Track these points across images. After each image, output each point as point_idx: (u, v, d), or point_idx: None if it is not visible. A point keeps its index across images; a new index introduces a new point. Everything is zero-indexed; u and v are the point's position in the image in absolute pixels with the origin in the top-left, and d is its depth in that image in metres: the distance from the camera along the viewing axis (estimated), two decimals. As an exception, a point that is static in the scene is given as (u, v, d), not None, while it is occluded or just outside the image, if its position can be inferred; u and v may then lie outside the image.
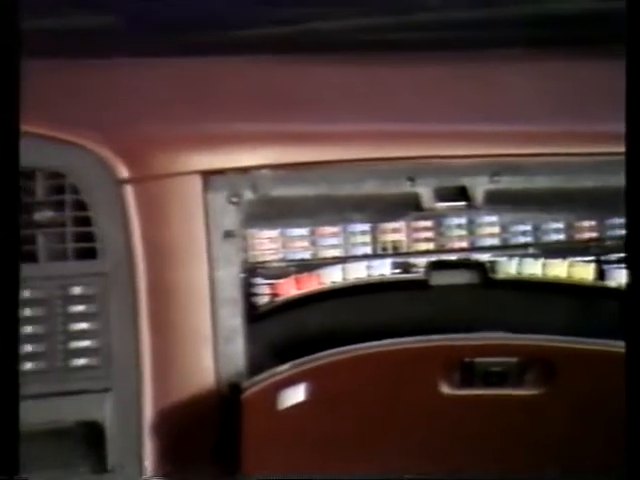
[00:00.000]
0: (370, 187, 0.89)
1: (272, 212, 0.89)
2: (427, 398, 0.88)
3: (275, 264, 0.90)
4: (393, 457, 0.89)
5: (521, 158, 0.90)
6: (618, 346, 0.82)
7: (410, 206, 0.90)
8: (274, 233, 0.90)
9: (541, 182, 0.90)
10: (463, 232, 0.91)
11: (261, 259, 0.90)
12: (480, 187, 0.90)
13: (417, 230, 0.91)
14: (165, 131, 0.87)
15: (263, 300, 0.89)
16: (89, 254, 0.84)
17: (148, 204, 0.85)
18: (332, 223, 0.90)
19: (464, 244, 0.92)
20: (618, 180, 0.84)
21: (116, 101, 0.88)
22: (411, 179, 0.89)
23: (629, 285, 0.81)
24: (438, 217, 0.91)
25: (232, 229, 0.87)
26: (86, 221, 0.84)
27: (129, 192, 0.85)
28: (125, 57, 0.90)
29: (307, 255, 0.90)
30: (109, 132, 0.86)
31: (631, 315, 0.72)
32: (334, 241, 0.90)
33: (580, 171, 0.90)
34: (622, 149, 0.79)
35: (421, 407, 0.88)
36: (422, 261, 0.91)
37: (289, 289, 0.89)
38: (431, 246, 0.91)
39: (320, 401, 0.84)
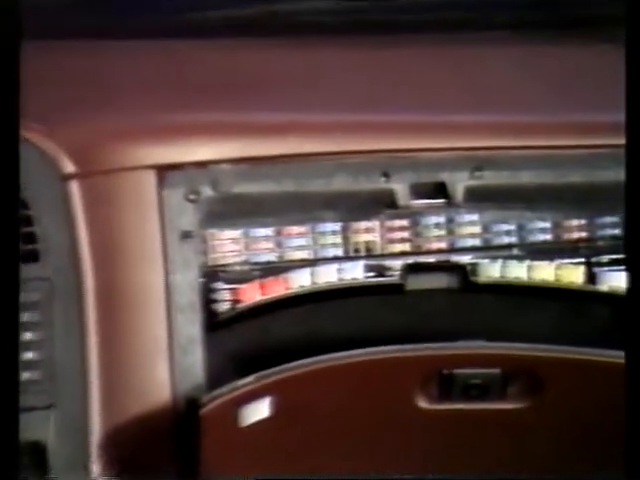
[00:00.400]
0: (341, 183, 0.87)
1: (234, 211, 0.86)
2: (403, 413, 0.86)
3: (237, 267, 0.87)
4: (367, 475, 0.87)
5: (505, 151, 0.88)
6: (610, 356, 0.81)
7: (384, 204, 0.88)
8: (236, 233, 0.87)
9: (527, 177, 0.88)
10: (442, 232, 0.89)
11: (222, 262, 0.87)
12: (460, 183, 0.88)
13: (392, 230, 0.89)
14: (115, 122, 0.84)
15: (224, 307, 0.87)
16: (30, 257, 0.81)
17: (96, 202, 0.83)
18: (300, 222, 0.88)
19: (443, 245, 0.90)
20: (610, 175, 0.87)
21: (61, 89, 0.85)
22: (385, 174, 0.87)
23: (629, 289, 0.79)
24: (415, 216, 0.89)
25: (190, 229, 0.84)
26: (27, 221, 0.81)
27: (75, 189, 0.82)
28: (72, 39, 0.87)
29: (272, 257, 0.88)
30: (53, 123, 0.83)
31: (631, 321, 0.71)
32: (302, 242, 0.88)
33: (569, 165, 0.88)
34: (615, 141, 0.79)
35: (396, 422, 0.86)
36: (397, 263, 0.89)
37: (253, 295, 0.87)
38: (407, 247, 0.89)
39: (286, 417, 0.83)
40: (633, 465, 0.68)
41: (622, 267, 0.89)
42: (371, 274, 0.89)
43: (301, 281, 0.87)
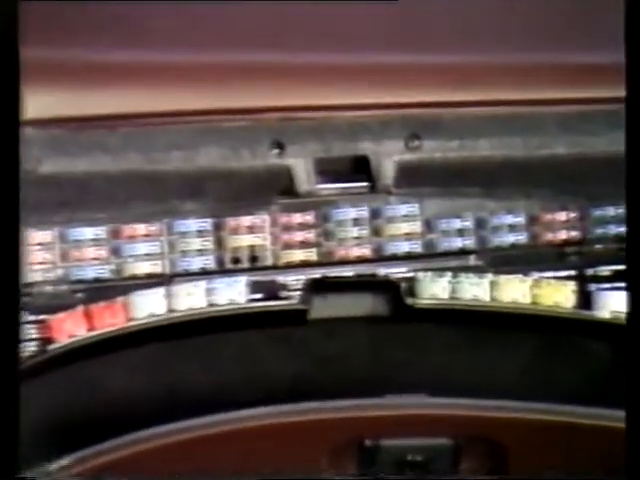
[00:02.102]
0: (211, 158, 0.82)
1: (44, 200, 0.82)
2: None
3: (49, 288, 0.83)
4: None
5: (454, 109, 0.84)
6: (610, 418, 0.79)
7: (277, 189, 0.85)
8: (47, 235, 0.83)
9: (487, 149, 0.84)
10: (363, 231, 0.86)
11: (24, 280, 0.83)
12: (390, 157, 0.83)
13: (289, 229, 0.85)
14: None
15: (28, 348, 0.82)
16: None
17: None
18: (148, 218, 0.84)
19: (365, 251, 0.86)
20: (610, 143, 0.83)
21: None
22: (279, 145, 0.83)
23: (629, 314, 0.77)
24: (322, 207, 0.85)
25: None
26: None
27: None
28: None
29: (105, 272, 0.83)
30: None
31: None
32: (151, 248, 0.84)
33: (549, 130, 0.85)
34: (616, 93, 0.77)
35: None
36: (297, 279, 0.85)
37: (74, 329, 0.82)
38: (312, 255, 0.85)
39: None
40: (634, 466, 0.69)
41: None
42: (258, 295, 0.85)
43: (150, 307, 0.83)
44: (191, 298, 0.84)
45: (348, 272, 0.86)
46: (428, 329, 0.88)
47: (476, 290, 0.86)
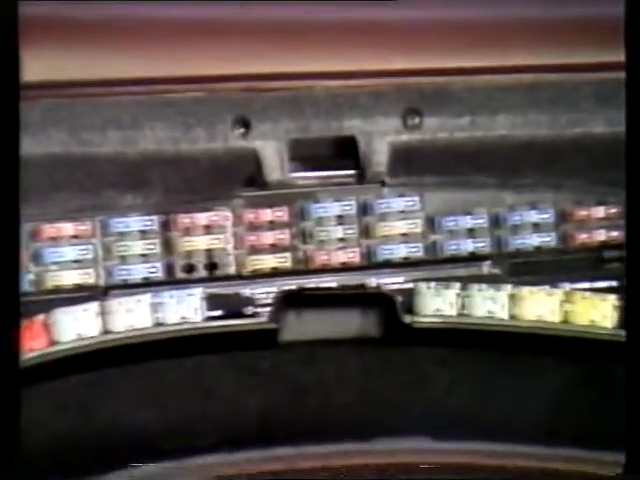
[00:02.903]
0: (158, 138, 0.79)
1: None
2: None
3: None
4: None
5: (462, 78, 0.81)
6: None
7: (241, 178, 0.81)
8: None
9: (503, 127, 0.81)
10: (350, 231, 0.81)
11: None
12: (383, 138, 0.79)
13: (256, 228, 0.81)
14: None
15: None
16: None
17: None
18: (77, 214, 0.79)
19: (351, 256, 0.81)
20: None
21: None
22: (243, 122, 0.79)
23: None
24: (298, 201, 0.82)
25: None
26: None
27: None
28: None
29: (24, 283, 0.80)
30: None
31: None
32: (81, 252, 0.79)
33: (583, 103, 0.80)
34: None
35: None
36: (266, 292, 0.81)
37: None
38: (285, 261, 0.81)
39: None
40: (633, 461, 0.69)
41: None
42: (218, 312, 0.80)
43: (79, 328, 0.78)
44: (132, 316, 0.79)
45: (330, 283, 0.82)
46: (430, 354, 0.84)
47: (491, 305, 0.81)
